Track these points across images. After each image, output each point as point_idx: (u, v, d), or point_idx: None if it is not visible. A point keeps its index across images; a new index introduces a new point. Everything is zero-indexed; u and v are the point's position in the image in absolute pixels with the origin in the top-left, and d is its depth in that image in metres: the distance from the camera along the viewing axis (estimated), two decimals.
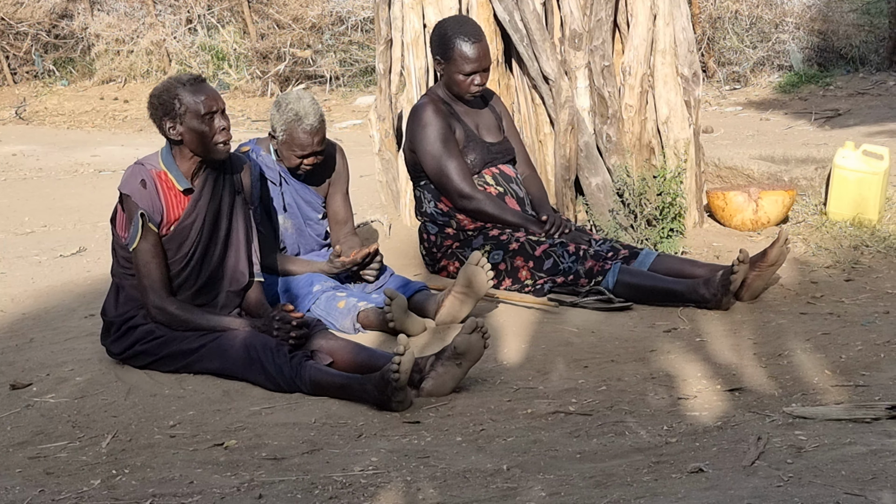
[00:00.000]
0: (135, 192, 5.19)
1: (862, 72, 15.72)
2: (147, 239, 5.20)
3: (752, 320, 5.90)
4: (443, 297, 5.82)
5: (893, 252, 6.87)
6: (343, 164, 6.33)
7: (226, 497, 3.93)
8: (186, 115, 5.16)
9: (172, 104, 5.17)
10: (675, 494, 3.68)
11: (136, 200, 5.18)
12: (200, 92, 5.19)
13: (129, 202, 5.21)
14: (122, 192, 5.23)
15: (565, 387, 5.03)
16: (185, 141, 5.20)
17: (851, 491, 3.55)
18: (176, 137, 5.20)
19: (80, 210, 9.97)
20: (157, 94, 5.23)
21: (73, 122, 16.12)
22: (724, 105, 15.03)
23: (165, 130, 5.21)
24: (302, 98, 6.00)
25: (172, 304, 5.25)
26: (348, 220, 6.35)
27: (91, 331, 5.89)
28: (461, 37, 6.39)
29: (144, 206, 5.17)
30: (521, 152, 6.79)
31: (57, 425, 4.76)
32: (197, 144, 5.20)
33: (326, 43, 17.55)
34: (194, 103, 5.16)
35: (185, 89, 5.18)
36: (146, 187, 5.19)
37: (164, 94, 5.20)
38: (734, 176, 8.00)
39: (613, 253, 6.33)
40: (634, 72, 7.07)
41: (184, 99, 5.16)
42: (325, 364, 5.09)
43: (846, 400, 4.66)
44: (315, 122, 5.96)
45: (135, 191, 5.19)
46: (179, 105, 5.16)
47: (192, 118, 5.16)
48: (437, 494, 3.88)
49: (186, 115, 5.16)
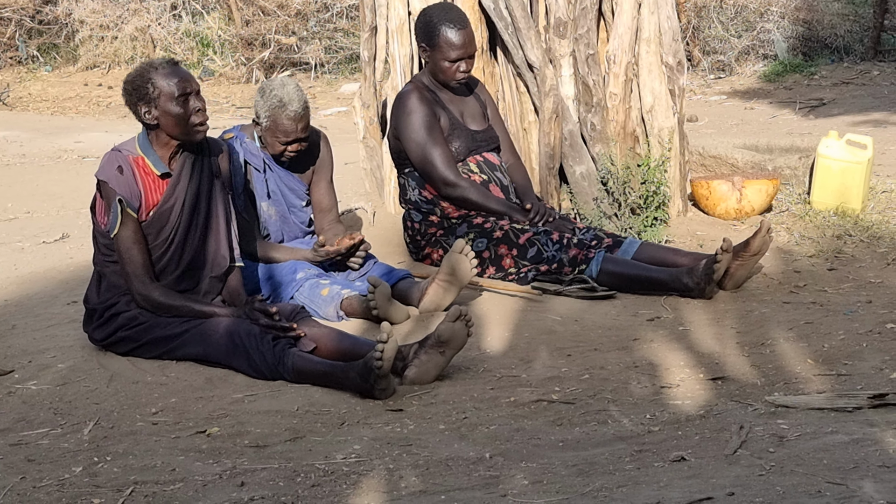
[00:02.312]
0: (112, 179, 5.18)
1: (846, 61, 15.75)
2: (127, 225, 5.18)
3: (735, 309, 5.91)
4: (426, 284, 5.82)
5: (876, 241, 6.88)
6: (327, 152, 6.32)
7: (208, 484, 3.93)
8: (161, 98, 5.14)
9: (146, 88, 5.16)
10: (658, 483, 3.68)
11: (113, 187, 5.17)
12: (174, 75, 5.18)
13: (106, 189, 5.19)
14: (100, 179, 5.22)
15: (548, 375, 5.03)
16: (161, 124, 5.19)
17: (833, 480, 3.56)
18: (152, 122, 5.19)
19: (63, 196, 9.94)
20: (130, 80, 5.22)
21: (56, 108, 16.08)
22: (708, 94, 15.05)
23: (141, 115, 5.20)
24: (286, 84, 5.99)
25: (157, 291, 5.24)
26: (332, 207, 6.34)
27: (73, 318, 5.88)
28: (446, 23, 6.39)
29: (122, 193, 5.16)
30: (505, 140, 6.78)
31: (39, 412, 4.75)
32: (173, 127, 5.18)
33: (311, 30, 17.53)
34: (168, 86, 5.15)
35: (158, 73, 5.17)
36: (123, 173, 5.18)
37: (138, 79, 5.19)
38: (718, 165, 8.00)
39: (597, 241, 6.33)
40: (619, 60, 7.07)
41: (157, 82, 5.15)
42: (308, 351, 5.08)
43: (828, 389, 4.67)
44: (299, 108, 5.95)
45: (112, 177, 5.18)
46: (153, 89, 5.15)
47: (167, 101, 5.15)
48: (420, 482, 3.88)
49: (161, 98, 5.14)
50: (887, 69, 15.19)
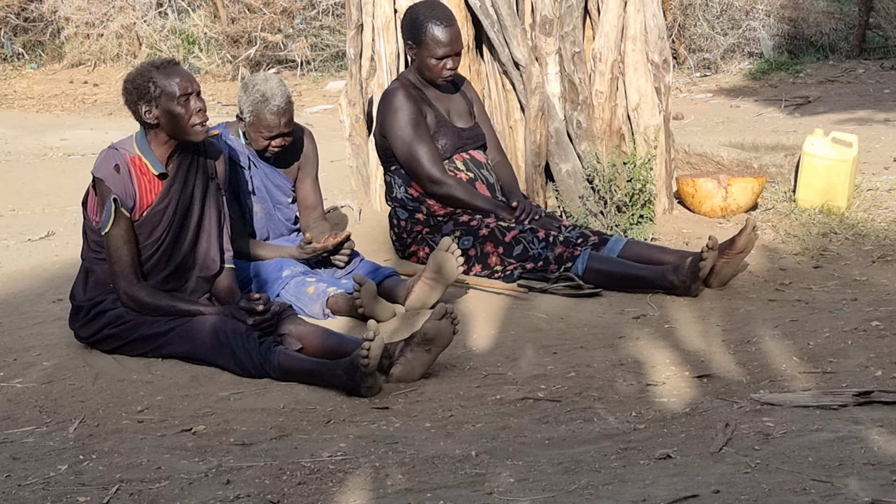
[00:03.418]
0: (108, 177, 5.17)
1: (832, 59, 15.76)
2: (119, 224, 5.17)
3: (720, 307, 5.92)
4: (412, 282, 5.82)
5: (861, 239, 6.90)
6: (312, 149, 6.31)
7: (193, 483, 3.92)
8: (162, 97, 5.13)
9: (147, 87, 5.14)
10: (643, 481, 3.69)
11: (109, 185, 5.16)
12: (175, 74, 5.17)
13: (101, 186, 5.18)
14: (96, 176, 5.20)
15: (534, 373, 5.03)
16: (161, 124, 5.18)
17: (818, 477, 3.57)
18: (152, 121, 5.17)
19: (48, 194, 9.92)
20: (131, 79, 5.21)
21: (42, 105, 16.02)
22: (694, 92, 15.05)
23: (141, 115, 5.18)
24: (269, 79, 5.99)
25: (142, 291, 5.23)
26: (318, 204, 6.34)
27: (59, 315, 5.86)
28: (433, 21, 6.39)
29: (117, 191, 5.15)
30: (491, 138, 6.78)
31: (24, 410, 4.74)
32: (173, 127, 5.17)
33: (297, 27, 17.50)
34: (169, 85, 5.13)
35: (159, 72, 5.16)
36: (120, 172, 5.17)
37: (139, 78, 5.18)
38: (704, 163, 8.01)
39: (583, 239, 6.34)
40: (605, 58, 7.07)
41: (159, 82, 5.14)
42: (294, 349, 5.08)
43: (814, 387, 4.68)
44: (282, 102, 5.94)
45: (108, 175, 5.17)
46: (154, 88, 5.13)
47: (168, 101, 5.13)
48: (406, 480, 3.88)
49: (162, 97, 5.13)
50: (872, 67, 15.20)
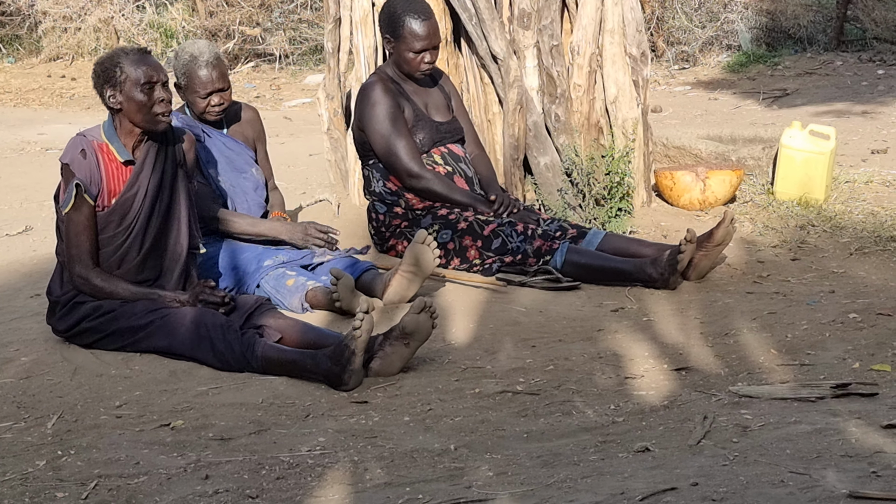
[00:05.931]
0: (73, 162, 5.18)
1: (810, 52, 15.80)
2: (80, 210, 5.17)
3: (698, 300, 5.93)
4: (389, 276, 5.82)
5: (839, 231, 6.92)
6: (259, 121, 6.57)
7: (172, 478, 3.92)
8: (126, 83, 5.16)
9: (114, 72, 5.17)
10: (622, 474, 3.69)
11: (73, 170, 5.16)
12: (142, 62, 5.20)
13: (66, 171, 5.19)
14: (63, 163, 5.21)
15: (513, 366, 5.03)
16: (124, 110, 5.20)
17: (796, 469, 3.58)
18: (116, 106, 5.20)
19: (26, 189, 9.88)
20: (100, 62, 5.26)
21: (19, 99, 15.96)
22: (672, 84, 15.07)
23: (106, 99, 5.21)
24: (196, 42, 6.22)
25: (97, 276, 5.23)
26: (270, 176, 6.58)
27: (37, 311, 5.85)
28: (410, 14, 6.39)
29: (82, 176, 5.15)
30: (469, 132, 6.78)
31: (2, 406, 4.73)
32: (135, 114, 5.18)
33: (276, 21, 17.47)
34: (135, 72, 5.16)
35: (127, 58, 5.19)
36: (86, 157, 5.18)
37: (107, 62, 5.23)
38: (682, 155, 8.02)
39: (561, 232, 6.34)
40: (583, 51, 7.07)
41: (125, 67, 5.17)
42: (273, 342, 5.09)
43: (791, 379, 4.70)
44: (211, 57, 6.12)
45: (74, 159, 5.18)
46: (120, 73, 5.16)
47: (132, 87, 5.15)
48: (385, 474, 3.88)
49: (126, 83, 5.16)
50: (850, 59, 15.25)
